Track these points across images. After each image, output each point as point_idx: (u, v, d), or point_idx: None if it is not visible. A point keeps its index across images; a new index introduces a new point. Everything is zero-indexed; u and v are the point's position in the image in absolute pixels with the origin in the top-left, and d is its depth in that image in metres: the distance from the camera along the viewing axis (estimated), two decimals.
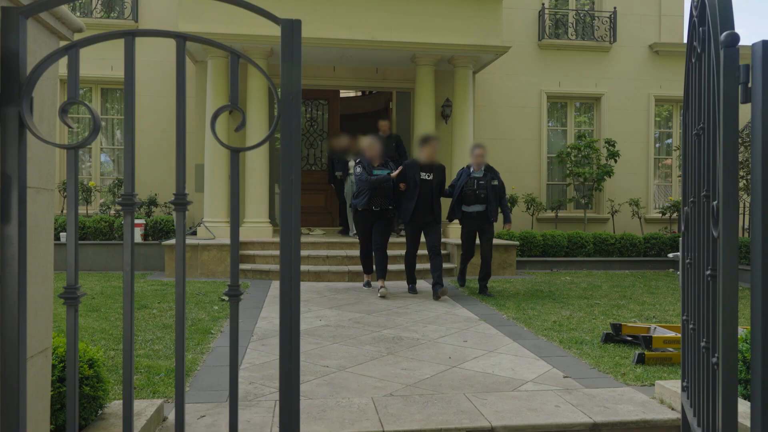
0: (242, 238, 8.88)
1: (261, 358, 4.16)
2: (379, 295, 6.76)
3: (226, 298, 1.58)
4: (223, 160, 9.41)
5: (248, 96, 9.19)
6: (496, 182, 7.01)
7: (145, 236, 9.43)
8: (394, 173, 6.84)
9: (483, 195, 6.89)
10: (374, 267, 7.17)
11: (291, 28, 1.52)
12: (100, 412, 2.68)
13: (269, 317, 5.57)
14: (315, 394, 3.38)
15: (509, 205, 8.73)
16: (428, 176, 6.79)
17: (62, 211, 10.50)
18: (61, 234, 9.16)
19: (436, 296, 6.61)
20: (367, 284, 7.41)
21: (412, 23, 9.16)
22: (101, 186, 10.87)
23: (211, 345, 4.48)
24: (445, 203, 7.27)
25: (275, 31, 1.53)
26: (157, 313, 5.63)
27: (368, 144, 7.06)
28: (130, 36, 1.47)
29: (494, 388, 3.53)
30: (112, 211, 10.18)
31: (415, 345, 4.58)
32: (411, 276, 7.16)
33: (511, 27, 11.37)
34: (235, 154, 1.54)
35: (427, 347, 4.52)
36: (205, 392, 3.41)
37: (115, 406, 2.80)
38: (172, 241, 8.61)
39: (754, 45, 1.70)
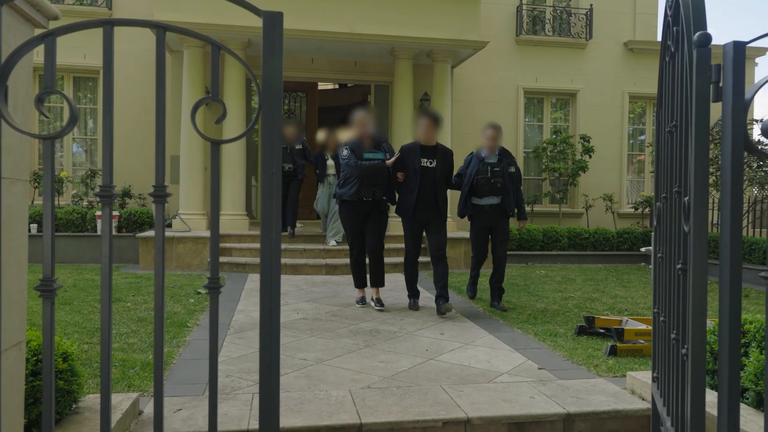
0: (220, 229, 8.81)
1: (238, 351, 4.15)
2: (375, 308, 5.69)
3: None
4: (199, 152, 9.31)
5: (225, 87, 9.09)
6: (513, 169, 5.84)
7: (119, 228, 9.29)
8: (390, 161, 5.58)
9: (500, 185, 5.70)
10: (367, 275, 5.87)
11: (273, 21, 1.52)
12: (74, 406, 2.65)
13: (246, 310, 5.55)
14: (293, 387, 3.38)
15: None
16: (430, 163, 5.53)
17: (32, 202, 10.28)
18: (31, 225, 8.97)
19: (441, 312, 5.39)
20: (361, 301, 5.89)
21: (391, 17, 9.15)
22: (73, 177, 10.66)
23: (187, 338, 4.44)
24: (452, 197, 6.45)
25: (253, 21, 1.53)
26: (131, 306, 5.56)
27: (360, 119, 5.61)
28: (108, 25, 1.45)
29: (470, 380, 3.58)
30: (85, 203, 9.99)
31: (392, 338, 4.61)
32: (412, 288, 5.81)
33: (489, 22, 11.43)
34: (216, 147, 1.53)
35: (404, 340, 4.55)
36: (181, 386, 3.39)
37: (89, 400, 2.77)
38: (147, 233, 8.49)
39: (725, 45, 1.74)
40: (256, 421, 2.85)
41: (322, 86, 13.42)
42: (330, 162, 8.41)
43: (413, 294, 5.82)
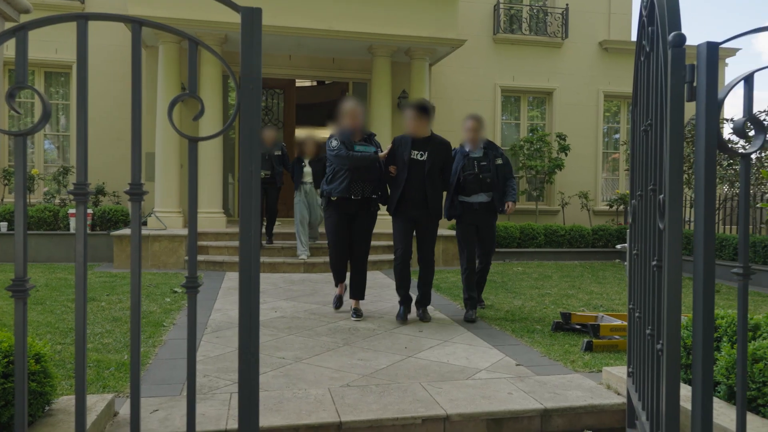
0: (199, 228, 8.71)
1: (215, 351, 4.11)
2: (353, 319, 5.14)
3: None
4: (175, 149, 9.20)
5: (202, 82, 8.99)
6: (500, 161, 5.37)
7: (92, 226, 9.13)
8: (383, 153, 5.14)
9: (489, 180, 5.24)
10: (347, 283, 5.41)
11: (251, 17, 1.50)
12: (47, 408, 2.60)
13: (223, 309, 5.50)
14: (271, 386, 3.36)
15: None
16: (421, 156, 5.00)
17: (2, 200, 10.04)
18: (1, 224, 8.77)
19: (423, 317, 5.14)
20: (338, 301, 5.51)
21: (369, 14, 9.14)
22: (45, 174, 10.44)
23: (163, 338, 4.39)
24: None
25: (230, 17, 1.51)
26: (106, 305, 5.47)
27: (350, 110, 5.10)
28: (83, 19, 1.42)
29: (449, 377, 3.60)
30: (57, 200, 9.79)
31: (371, 335, 4.61)
32: (403, 293, 5.15)
33: (466, 21, 11.48)
34: (194, 145, 1.51)
35: (383, 338, 4.55)
36: (157, 386, 3.35)
37: (63, 401, 2.71)
38: (122, 232, 8.37)
39: (699, 46, 1.78)
40: (235, 420, 2.83)
41: (299, 83, 13.35)
42: (307, 169, 7.87)
43: (404, 300, 5.15)
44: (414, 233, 5.17)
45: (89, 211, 9.15)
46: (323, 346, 4.28)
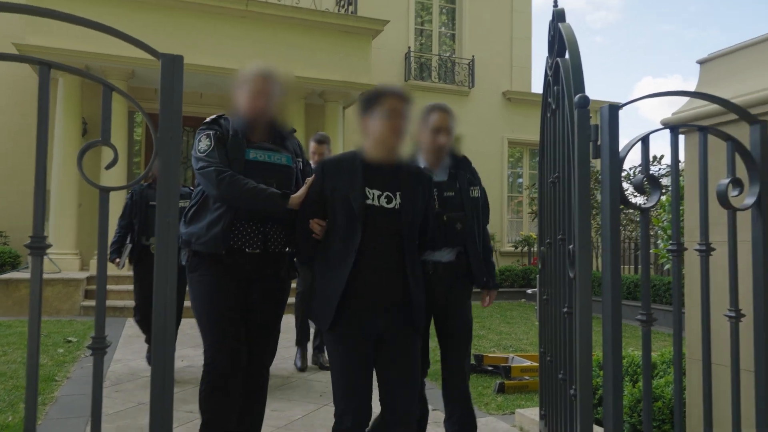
0: (94, 270, 8.15)
1: (115, 407, 3.80)
2: None
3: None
4: (73, 186, 8.66)
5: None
6: (476, 192, 3.00)
7: None
8: (302, 188, 2.45)
9: (459, 226, 2.77)
10: None
11: (173, 64, 1.46)
12: None
13: (124, 359, 5.13)
14: None
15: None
16: (388, 200, 2.31)
17: None
18: None
19: None
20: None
21: (284, 55, 9.19)
22: None
23: (55, 394, 4.01)
24: None
25: (139, 52, 1.44)
26: None
27: (255, 77, 2.58)
28: None
29: None
30: None
31: (284, 384, 4.46)
32: None
33: (379, 66, 11.81)
34: (105, 195, 1.42)
35: (296, 385, 4.42)
36: None
37: None
38: (8, 276, 7.68)
39: (602, 108, 1.92)
40: None
41: None
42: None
43: None
44: (375, 364, 2.35)
45: None
46: None
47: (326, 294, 2.26)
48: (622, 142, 1.91)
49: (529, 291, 5.54)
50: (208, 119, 2.61)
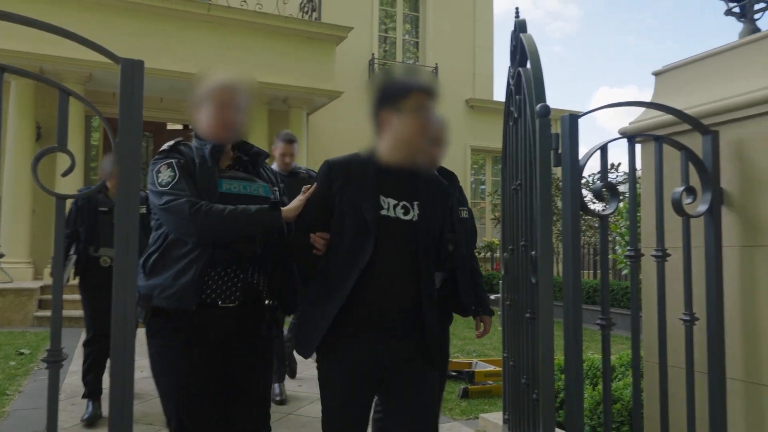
0: (48, 280, 7.89)
1: (70, 421, 3.68)
2: None
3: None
4: (26, 191, 8.38)
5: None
6: (465, 213, 2.77)
7: None
8: (300, 200, 2.01)
9: (451, 248, 2.16)
10: None
11: (132, 70, 1.43)
12: None
13: (79, 371, 4.96)
14: None
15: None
16: (405, 211, 1.92)
17: None
18: None
19: None
20: None
21: (249, 61, 9.10)
22: None
23: (6, 409, 3.87)
24: None
25: (94, 54, 1.39)
26: None
27: (222, 90, 2.14)
28: None
29: None
30: None
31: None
32: None
33: (344, 73, 11.81)
34: (61, 202, 1.38)
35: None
36: None
37: None
38: None
39: (562, 118, 1.96)
40: None
41: (171, 127, 12.85)
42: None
43: None
44: (376, 397, 2.17)
45: None
46: None
47: (323, 315, 1.86)
48: (582, 151, 1.96)
49: (492, 297, 5.56)
50: (164, 146, 2.13)
